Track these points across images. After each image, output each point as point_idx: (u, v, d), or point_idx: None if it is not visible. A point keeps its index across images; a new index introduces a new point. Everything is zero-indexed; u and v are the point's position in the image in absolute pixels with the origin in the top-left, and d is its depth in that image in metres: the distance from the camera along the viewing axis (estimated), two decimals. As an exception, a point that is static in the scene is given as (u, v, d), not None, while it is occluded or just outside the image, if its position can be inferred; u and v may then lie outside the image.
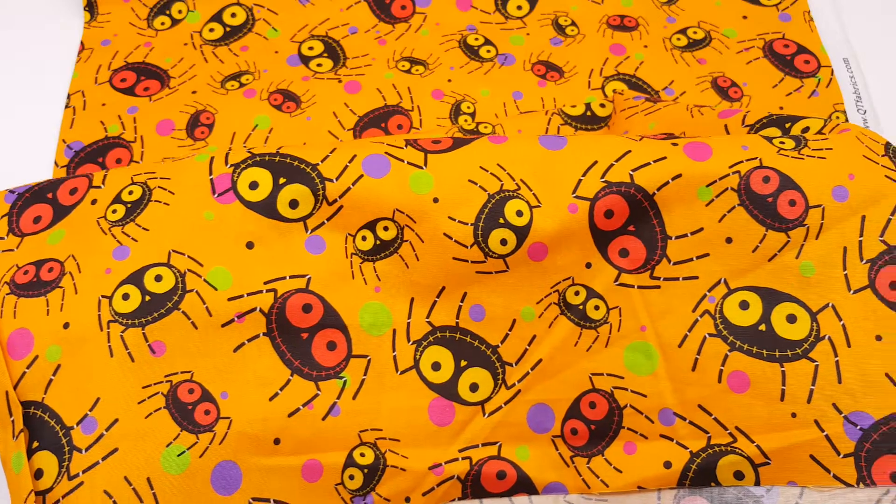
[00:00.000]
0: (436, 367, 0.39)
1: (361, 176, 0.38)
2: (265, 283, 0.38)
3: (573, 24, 0.63)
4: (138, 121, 0.57)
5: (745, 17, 0.63)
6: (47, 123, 0.57)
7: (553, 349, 0.38)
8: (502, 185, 0.38)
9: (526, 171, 0.38)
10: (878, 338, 0.36)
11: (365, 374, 0.38)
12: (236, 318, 0.37)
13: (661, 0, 0.64)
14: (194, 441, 0.35)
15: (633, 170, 0.37)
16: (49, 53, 0.61)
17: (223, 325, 0.37)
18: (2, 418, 0.34)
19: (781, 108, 0.59)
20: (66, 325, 0.36)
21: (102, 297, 0.36)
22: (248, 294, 0.37)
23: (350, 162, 0.39)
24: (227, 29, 0.62)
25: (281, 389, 0.38)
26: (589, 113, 0.55)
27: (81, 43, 0.61)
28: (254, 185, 0.39)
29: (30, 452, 0.34)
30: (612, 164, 0.37)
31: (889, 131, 0.59)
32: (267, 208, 0.39)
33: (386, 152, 0.39)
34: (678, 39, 0.62)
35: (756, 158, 0.37)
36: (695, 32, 0.62)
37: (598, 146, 0.38)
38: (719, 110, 0.46)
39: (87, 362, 0.36)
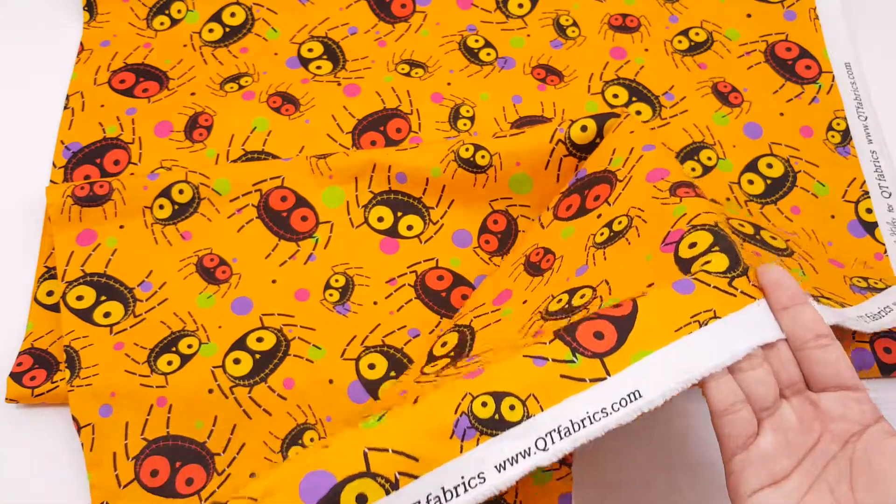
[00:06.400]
0: (380, 219, 0.53)
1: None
2: (253, 184, 0.53)
3: (574, 24, 0.62)
4: (137, 122, 0.57)
5: (749, 16, 0.63)
6: (45, 124, 0.57)
7: (460, 191, 0.53)
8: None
9: None
10: None
11: (331, 233, 0.53)
12: (237, 212, 0.53)
13: None
14: (216, 289, 0.51)
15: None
16: (48, 54, 0.61)
17: (228, 217, 0.53)
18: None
19: (782, 113, 0.58)
20: (121, 227, 0.52)
21: (145, 207, 0.53)
22: (243, 195, 0.53)
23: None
24: (227, 29, 0.62)
25: (273, 250, 0.53)
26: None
27: (81, 44, 0.60)
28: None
29: (97, 302, 0.50)
30: None
31: (890, 137, 0.59)
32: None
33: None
34: (679, 42, 0.62)
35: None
36: (696, 34, 0.62)
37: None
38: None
39: (139, 248, 0.52)
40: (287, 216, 0.53)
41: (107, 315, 0.50)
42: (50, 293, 0.52)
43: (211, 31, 0.62)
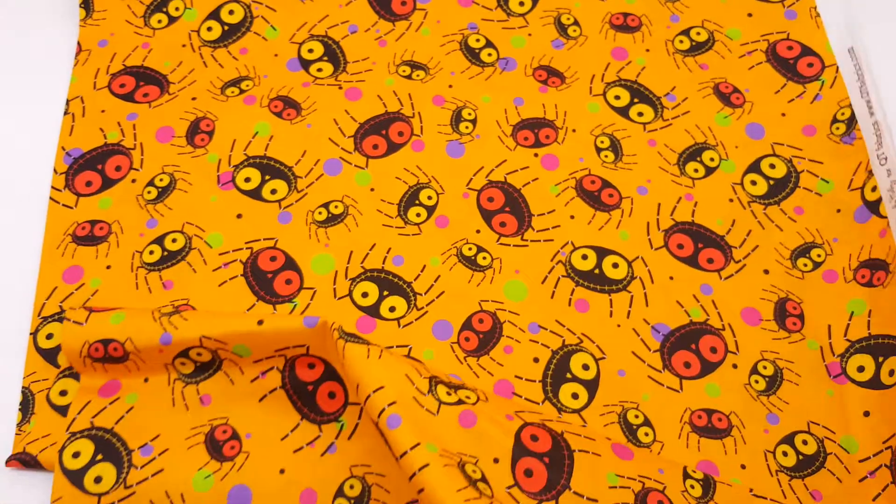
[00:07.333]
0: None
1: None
2: (276, 350, 0.46)
3: (575, 22, 0.62)
4: (138, 127, 0.57)
5: (750, 15, 0.63)
6: (45, 128, 0.57)
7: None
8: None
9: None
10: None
11: (359, 419, 0.46)
12: (261, 376, 0.47)
13: None
14: (218, 468, 0.45)
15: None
16: (47, 54, 0.60)
17: (252, 381, 0.47)
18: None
19: (784, 114, 0.58)
20: (145, 380, 0.47)
21: (166, 364, 0.47)
22: (266, 358, 0.47)
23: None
24: (226, 28, 0.61)
25: (291, 431, 0.46)
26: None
27: (78, 44, 0.60)
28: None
29: (93, 461, 0.45)
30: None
31: (894, 121, 0.58)
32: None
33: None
34: (680, 42, 0.61)
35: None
36: (698, 33, 0.62)
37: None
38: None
39: (155, 407, 0.47)
40: (313, 391, 0.47)
41: (98, 480, 0.44)
42: (50, 336, 0.50)
43: (210, 29, 0.61)
